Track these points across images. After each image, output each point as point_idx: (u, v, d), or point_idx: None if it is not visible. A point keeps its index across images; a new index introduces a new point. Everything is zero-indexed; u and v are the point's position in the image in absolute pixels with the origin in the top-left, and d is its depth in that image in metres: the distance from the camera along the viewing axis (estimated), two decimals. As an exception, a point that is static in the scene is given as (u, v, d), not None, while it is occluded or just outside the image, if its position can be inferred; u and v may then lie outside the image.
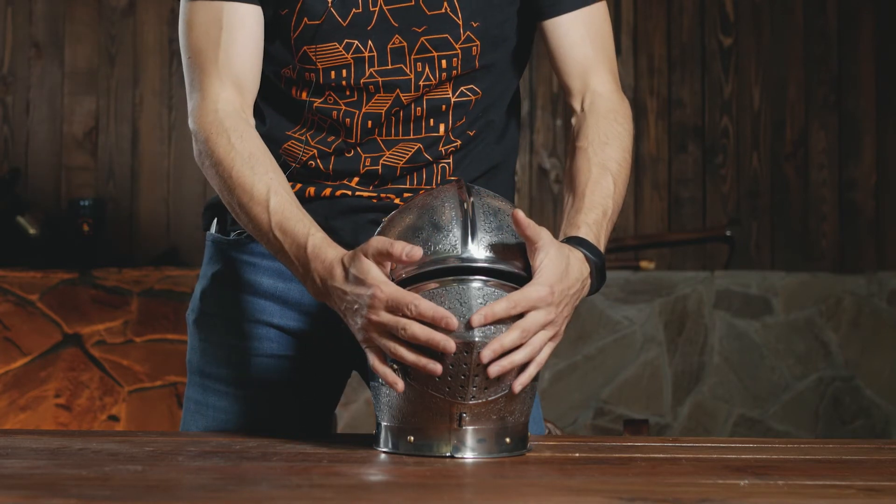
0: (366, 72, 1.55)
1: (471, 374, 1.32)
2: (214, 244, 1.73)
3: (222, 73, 1.53)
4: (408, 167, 1.60)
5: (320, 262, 1.39)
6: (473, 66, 1.58)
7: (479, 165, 1.65)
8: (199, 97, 1.54)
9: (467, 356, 1.31)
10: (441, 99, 1.58)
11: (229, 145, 1.49)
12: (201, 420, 1.70)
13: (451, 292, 1.33)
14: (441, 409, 1.34)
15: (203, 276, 1.74)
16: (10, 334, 3.73)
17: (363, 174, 1.61)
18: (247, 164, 1.47)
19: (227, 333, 1.68)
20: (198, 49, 1.54)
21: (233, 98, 1.53)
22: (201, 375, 1.71)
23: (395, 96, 1.56)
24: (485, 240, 1.36)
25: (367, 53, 1.54)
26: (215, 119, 1.51)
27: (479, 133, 1.63)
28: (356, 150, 1.60)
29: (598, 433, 3.87)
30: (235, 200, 1.48)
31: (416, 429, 1.37)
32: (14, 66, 4.25)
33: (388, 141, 1.59)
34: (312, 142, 1.61)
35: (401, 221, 1.40)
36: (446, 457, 1.35)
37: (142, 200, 4.24)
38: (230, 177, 1.48)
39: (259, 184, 1.46)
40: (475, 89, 1.60)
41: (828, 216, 4.36)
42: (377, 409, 1.42)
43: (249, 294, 1.68)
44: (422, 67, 1.55)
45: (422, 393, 1.34)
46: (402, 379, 1.35)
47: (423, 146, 1.60)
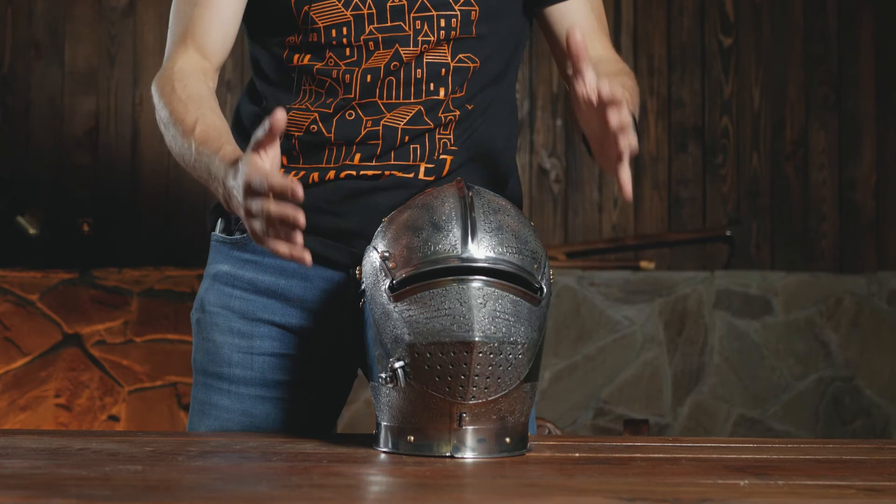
0: (365, 29, 1.60)
1: (471, 374, 1.32)
2: (217, 244, 1.75)
3: (188, 41, 1.64)
4: (409, 130, 1.62)
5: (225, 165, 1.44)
6: (471, 32, 1.63)
7: (479, 145, 1.67)
8: (164, 64, 1.65)
9: (467, 356, 1.31)
10: (440, 63, 1.62)
11: (172, 91, 1.58)
12: (207, 420, 1.70)
13: (450, 292, 1.33)
14: (441, 409, 1.34)
15: (206, 276, 1.76)
16: (10, 334, 3.73)
17: (364, 138, 1.62)
18: (183, 103, 1.56)
19: (229, 333, 1.69)
20: (172, 24, 1.67)
21: (192, 59, 1.63)
22: (205, 375, 1.72)
23: (394, 51, 1.60)
24: (485, 240, 1.36)
25: (367, 11, 1.60)
26: (169, 74, 1.61)
27: (477, 109, 1.66)
28: (357, 111, 1.62)
29: (598, 433, 3.87)
30: (172, 135, 1.55)
31: (416, 429, 1.37)
32: (14, 66, 4.25)
33: (389, 104, 1.62)
34: (312, 108, 1.64)
35: (401, 221, 1.40)
36: (446, 457, 1.35)
37: (142, 200, 4.24)
38: (170, 115, 1.56)
39: (189, 116, 1.54)
40: (472, 57, 1.64)
41: (828, 216, 4.36)
42: (377, 409, 1.42)
43: (251, 293, 1.68)
44: (420, 25, 1.60)
45: (422, 393, 1.34)
46: (403, 379, 1.35)
47: (424, 109, 1.63)
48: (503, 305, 1.34)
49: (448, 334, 1.31)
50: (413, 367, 1.33)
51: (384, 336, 1.37)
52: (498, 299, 1.34)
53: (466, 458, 1.35)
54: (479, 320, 1.31)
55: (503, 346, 1.32)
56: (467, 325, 1.31)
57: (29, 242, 3.99)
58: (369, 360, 1.43)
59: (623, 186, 1.41)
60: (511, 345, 1.33)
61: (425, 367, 1.32)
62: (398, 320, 1.35)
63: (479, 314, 1.32)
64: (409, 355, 1.33)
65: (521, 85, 4.32)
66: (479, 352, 1.30)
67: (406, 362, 1.34)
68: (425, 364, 1.32)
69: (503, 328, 1.32)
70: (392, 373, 1.35)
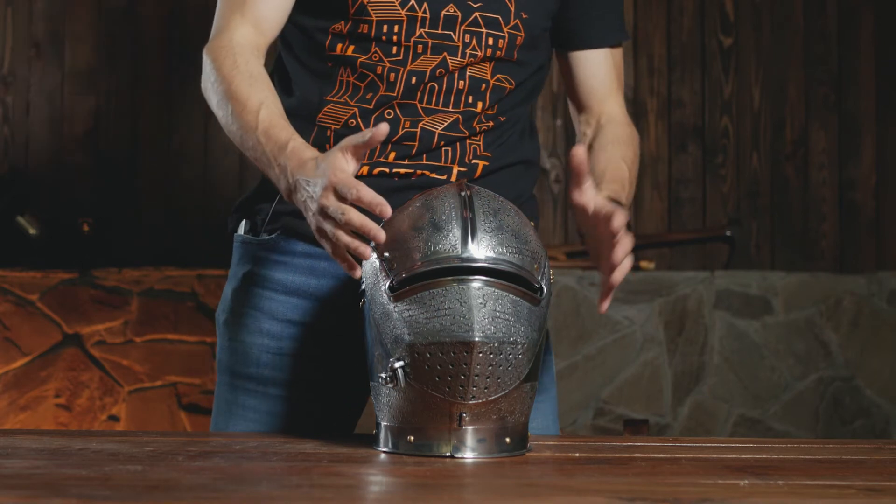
0: (416, 31, 1.62)
1: (471, 374, 1.32)
2: (243, 245, 1.75)
3: (245, 13, 1.62)
4: (445, 135, 1.65)
5: (297, 159, 1.44)
6: (513, 56, 1.67)
7: (508, 153, 1.72)
8: (216, 31, 1.64)
9: (467, 356, 1.31)
10: (481, 79, 1.66)
11: (234, 65, 1.57)
12: (232, 420, 1.70)
13: (450, 292, 1.33)
14: (441, 409, 1.34)
15: (233, 277, 1.75)
16: (10, 334, 3.73)
17: (401, 138, 1.64)
18: (246, 80, 1.55)
19: (258, 333, 1.69)
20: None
21: (249, 34, 1.62)
22: (231, 375, 1.72)
23: (441, 58, 1.63)
24: (485, 240, 1.36)
25: (421, 14, 1.62)
26: (228, 45, 1.60)
27: (508, 122, 1.71)
28: (396, 111, 1.64)
29: (598, 433, 3.87)
30: (230, 110, 1.54)
31: (416, 429, 1.37)
32: (14, 66, 4.25)
33: (428, 109, 1.65)
34: (352, 102, 1.65)
35: (401, 221, 1.40)
36: (446, 457, 1.35)
37: (142, 200, 4.24)
38: (228, 89, 1.55)
39: (254, 97, 1.53)
40: (509, 79, 1.69)
41: (828, 216, 4.36)
42: (377, 409, 1.42)
43: (281, 293, 1.69)
44: (469, 39, 1.64)
45: (422, 393, 1.34)
46: (403, 379, 1.35)
47: (462, 118, 1.66)
48: (503, 305, 1.34)
49: (448, 334, 1.31)
50: (413, 367, 1.33)
51: (384, 336, 1.37)
52: (498, 299, 1.34)
53: (466, 458, 1.35)
54: (479, 320, 1.31)
55: (503, 346, 1.32)
56: (467, 325, 1.31)
57: (29, 242, 3.99)
58: (369, 360, 1.43)
59: (602, 296, 1.49)
60: (511, 345, 1.33)
61: (425, 367, 1.32)
62: (398, 320, 1.35)
63: (479, 314, 1.32)
64: (409, 355, 1.33)
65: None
66: (479, 352, 1.30)
67: (406, 362, 1.34)
68: (425, 364, 1.32)
69: (503, 328, 1.32)
70: (392, 373, 1.35)
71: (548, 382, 1.74)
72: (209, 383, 3.78)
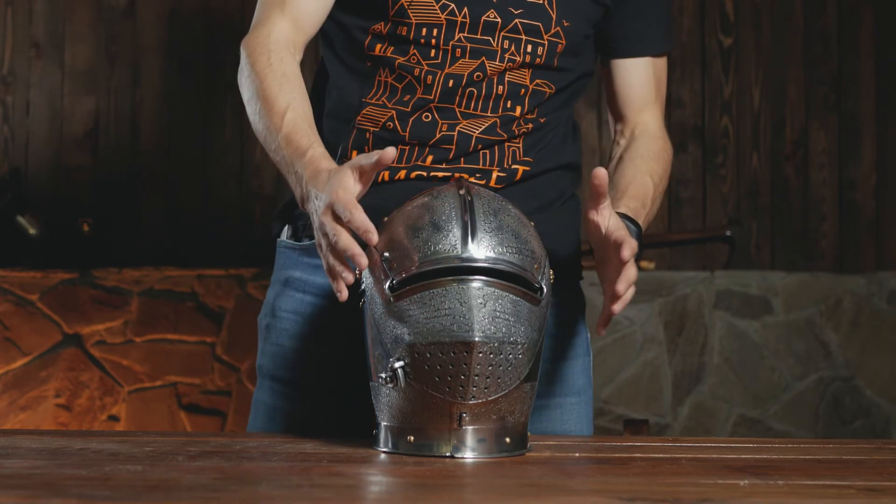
0: (455, 35, 1.62)
1: (471, 374, 1.32)
2: (286, 250, 1.75)
3: (286, 9, 1.63)
4: (482, 139, 1.65)
5: (312, 168, 1.45)
6: (553, 63, 1.66)
7: (549, 158, 1.71)
8: (256, 26, 1.64)
9: (467, 356, 1.31)
10: (520, 84, 1.65)
11: (267, 63, 1.58)
12: (271, 425, 1.70)
13: (450, 292, 1.33)
14: (441, 409, 1.34)
15: (276, 282, 1.75)
16: (10, 334, 3.73)
17: (438, 141, 1.64)
18: (277, 80, 1.56)
19: (301, 338, 1.69)
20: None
21: (287, 30, 1.62)
22: (272, 380, 1.71)
23: (479, 63, 1.63)
24: (485, 240, 1.36)
25: (461, 18, 1.62)
26: (265, 41, 1.60)
27: (549, 124, 1.70)
28: (433, 114, 1.64)
29: (598, 433, 3.87)
30: (258, 109, 1.55)
31: (416, 429, 1.37)
32: (14, 66, 4.25)
33: (466, 113, 1.64)
34: (389, 104, 1.65)
35: (401, 221, 1.40)
36: (446, 457, 1.35)
37: (142, 200, 4.24)
38: (260, 88, 1.56)
39: (281, 98, 1.54)
40: (549, 84, 1.68)
41: (828, 216, 4.36)
42: (377, 409, 1.42)
43: (322, 298, 1.68)
44: (508, 45, 1.63)
45: (422, 393, 1.34)
46: (403, 379, 1.35)
47: (500, 122, 1.65)
48: (503, 305, 1.34)
49: (448, 334, 1.31)
50: (413, 367, 1.33)
51: (384, 336, 1.36)
52: (498, 299, 1.34)
53: (466, 458, 1.35)
54: (479, 320, 1.31)
55: (503, 346, 1.32)
56: (467, 325, 1.31)
57: (29, 242, 3.99)
58: (369, 361, 1.43)
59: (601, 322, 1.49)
60: (511, 345, 1.33)
61: (425, 367, 1.32)
62: (398, 320, 1.35)
63: (478, 314, 1.32)
64: (409, 355, 1.33)
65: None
66: (479, 352, 1.30)
67: (406, 362, 1.34)
68: (425, 364, 1.32)
69: (503, 328, 1.32)
70: (392, 373, 1.35)
71: (585, 384, 1.75)
72: (209, 383, 3.78)
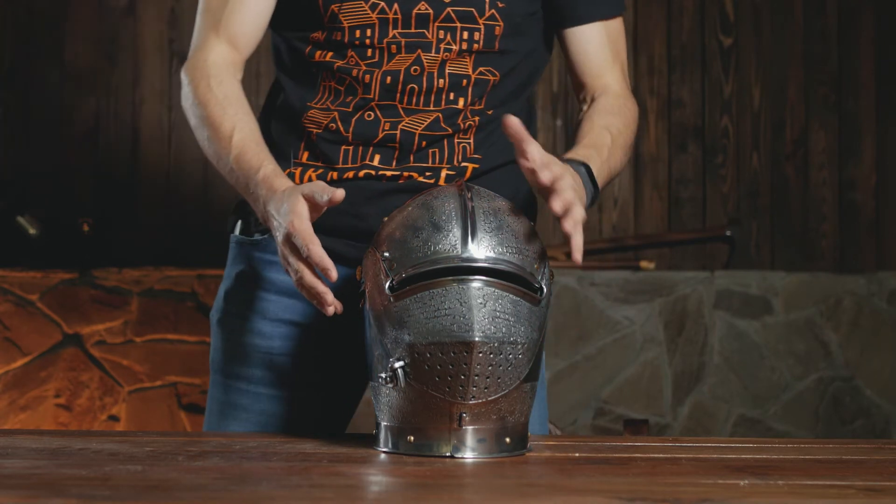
0: (389, 33, 1.62)
1: (471, 374, 1.32)
2: (238, 245, 1.76)
3: (220, 31, 1.66)
4: (427, 135, 1.64)
5: (267, 187, 1.50)
6: (493, 47, 1.65)
7: (499, 153, 1.68)
8: (193, 50, 1.68)
9: (467, 356, 1.31)
10: (462, 74, 1.64)
11: (208, 88, 1.61)
12: (224, 420, 1.70)
13: (450, 292, 1.33)
14: (441, 409, 1.34)
15: (227, 277, 1.76)
16: (10, 334, 3.73)
17: (382, 140, 1.64)
18: (220, 105, 1.60)
19: (251, 333, 1.69)
20: (206, 9, 1.69)
21: (225, 52, 1.66)
22: (224, 375, 1.72)
23: (415, 56, 1.62)
24: (485, 240, 1.36)
25: (392, 15, 1.62)
26: (203, 66, 1.64)
27: (496, 117, 1.67)
28: (375, 112, 1.64)
29: (598, 433, 3.87)
30: (206, 136, 1.60)
31: (416, 429, 1.37)
32: (14, 66, 4.25)
33: (408, 109, 1.64)
34: (332, 106, 1.66)
35: (401, 221, 1.40)
36: (446, 457, 1.35)
37: (142, 200, 4.24)
38: (204, 115, 1.60)
39: (226, 122, 1.58)
40: (493, 71, 1.66)
41: (828, 216, 4.36)
42: (377, 409, 1.42)
43: (274, 293, 1.69)
44: (444, 35, 1.62)
45: (422, 393, 1.34)
46: (403, 379, 1.35)
47: (443, 116, 1.64)
48: (503, 305, 1.34)
49: (448, 334, 1.31)
50: (413, 367, 1.33)
51: (384, 336, 1.37)
52: (498, 299, 1.34)
53: (466, 458, 1.35)
54: (479, 320, 1.31)
55: (503, 346, 1.32)
56: (467, 325, 1.31)
57: (29, 242, 3.99)
58: (369, 360, 1.43)
59: (572, 249, 1.44)
60: (511, 345, 1.33)
61: (425, 367, 1.32)
62: (398, 320, 1.35)
63: (478, 314, 1.32)
64: (409, 355, 1.33)
65: (521, 85, 4.32)
66: (479, 352, 1.30)
67: (406, 362, 1.34)
68: (425, 364, 1.32)
69: (503, 328, 1.32)
70: (392, 373, 1.35)
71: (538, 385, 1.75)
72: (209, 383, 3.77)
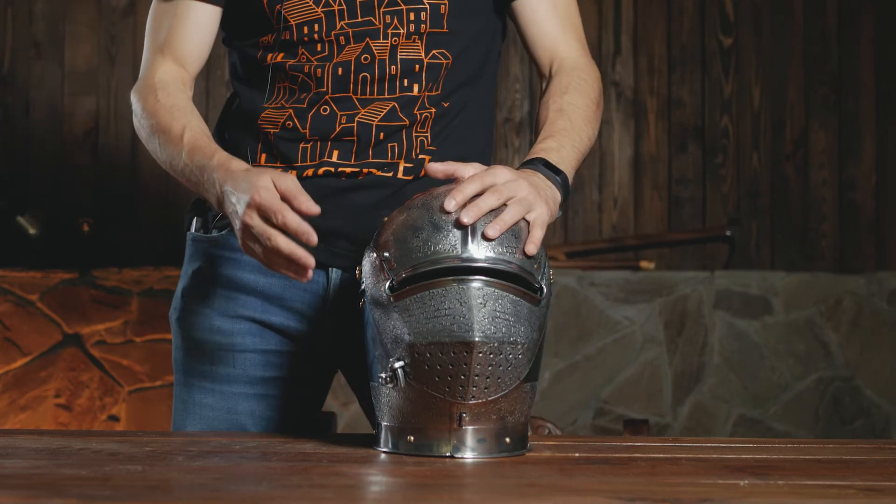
0: (336, 24, 1.62)
1: (471, 374, 1.32)
2: (195, 242, 1.76)
3: (165, 51, 1.68)
4: (384, 126, 1.63)
5: (223, 169, 1.48)
6: (442, 27, 1.64)
7: (454, 146, 1.68)
8: (141, 73, 1.69)
9: (467, 356, 1.31)
10: (414, 59, 1.63)
11: (155, 100, 1.62)
12: (191, 419, 1.71)
13: (450, 292, 1.33)
14: (441, 409, 1.34)
15: (184, 275, 1.76)
16: (10, 334, 3.73)
17: (339, 134, 1.63)
18: (168, 111, 1.60)
19: (209, 330, 1.69)
20: (150, 35, 1.70)
21: (171, 70, 1.67)
22: (185, 374, 1.72)
23: (364, 45, 1.62)
24: (485, 240, 1.36)
25: (337, 7, 1.62)
26: (150, 84, 1.65)
27: (453, 109, 1.67)
28: (331, 106, 1.63)
29: (598, 433, 3.87)
30: (158, 143, 1.59)
31: (416, 429, 1.37)
32: (14, 66, 4.25)
33: (363, 100, 1.63)
34: (287, 104, 1.66)
35: (401, 221, 1.40)
36: (446, 457, 1.35)
37: (142, 200, 4.24)
38: (153, 124, 1.60)
39: (176, 124, 1.58)
40: (445, 53, 1.65)
41: (828, 216, 4.36)
42: (377, 409, 1.42)
43: (231, 290, 1.69)
44: (390, 19, 1.62)
45: (422, 393, 1.34)
46: (403, 379, 1.35)
47: (398, 105, 1.63)
48: (503, 305, 1.34)
49: (448, 334, 1.31)
50: (413, 367, 1.33)
51: (384, 336, 1.37)
52: (498, 299, 1.34)
53: (466, 458, 1.35)
54: (478, 320, 1.31)
55: (503, 346, 1.32)
56: (467, 325, 1.31)
57: (29, 242, 3.99)
58: (369, 361, 1.43)
59: None
60: (511, 345, 1.33)
61: (425, 367, 1.32)
62: (398, 320, 1.35)
63: (478, 314, 1.32)
64: (409, 355, 1.33)
65: (521, 85, 4.32)
66: (478, 352, 1.30)
67: (406, 362, 1.34)
68: (425, 364, 1.32)
69: (503, 328, 1.32)
70: (392, 373, 1.35)
71: None
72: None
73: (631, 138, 4.35)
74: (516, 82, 4.29)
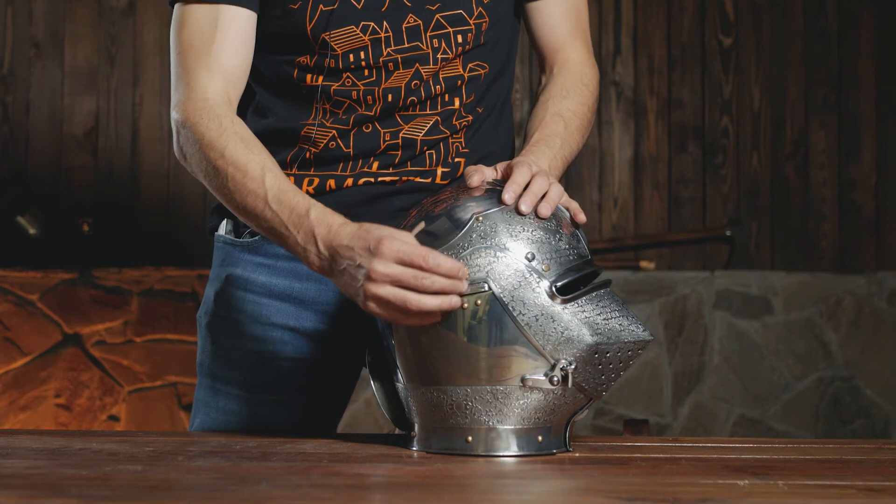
0: (383, 51, 1.59)
1: (624, 369, 1.37)
2: (225, 246, 1.72)
3: (213, 67, 1.55)
4: (427, 140, 1.63)
5: (325, 226, 1.39)
6: (480, 42, 1.64)
7: (484, 144, 1.69)
8: (185, 89, 1.55)
9: (638, 353, 1.37)
10: (456, 75, 1.63)
11: (221, 128, 1.50)
12: (210, 423, 1.70)
13: (604, 294, 1.39)
14: (569, 409, 1.38)
15: (216, 279, 1.72)
16: (10, 334, 3.73)
17: (383, 150, 1.62)
18: (240, 144, 1.49)
19: (241, 336, 1.68)
20: (189, 44, 1.56)
21: (221, 89, 1.55)
22: (212, 378, 1.70)
23: (414, 70, 1.60)
24: (583, 239, 1.44)
25: (384, 34, 1.59)
26: (205, 106, 1.52)
27: (485, 111, 1.69)
28: (374, 125, 1.62)
29: (598, 433, 3.87)
30: (228, 178, 1.47)
31: (546, 429, 1.39)
32: (14, 66, 4.25)
33: (406, 116, 1.62)
34: (329, 124, 1.62)
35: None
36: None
37: (142, 200, 4.24)
38: (222, 156, 1.48)
39: (254, 162, 1.47)
40: (482, 64, 1.66)
41: (828, 216, 4.36)
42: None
43: (265, 296, 1.67)
44: (438, 43, 1.60)
45: (562, 392, 1.36)
46: (572, 380, 1.37)
47: (441, 119, 1.64)
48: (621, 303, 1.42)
49: (629, 334, 1.36)
50: (581, 366, 1.35)
51: (543, 339, 1.34)
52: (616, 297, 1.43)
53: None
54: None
55: None
56: (641, 324, 1.37)
57: (29, 242, 3.99)
58: (434, 366, 1.41)
59: None
60: None
61: (598, 367, 1.35)
62: (571, 321, 1.34)
63: None
64: (589, 355, 1.34)
65: (521, 85, 4.32)
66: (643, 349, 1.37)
67: (573, 362, 1.34)
68: (598, 363, 1.35)
69: None
70: (564, 374, 1.35)
71: None
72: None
73: (631, 138, 4.35)
74: (516, 82, 4.29)
